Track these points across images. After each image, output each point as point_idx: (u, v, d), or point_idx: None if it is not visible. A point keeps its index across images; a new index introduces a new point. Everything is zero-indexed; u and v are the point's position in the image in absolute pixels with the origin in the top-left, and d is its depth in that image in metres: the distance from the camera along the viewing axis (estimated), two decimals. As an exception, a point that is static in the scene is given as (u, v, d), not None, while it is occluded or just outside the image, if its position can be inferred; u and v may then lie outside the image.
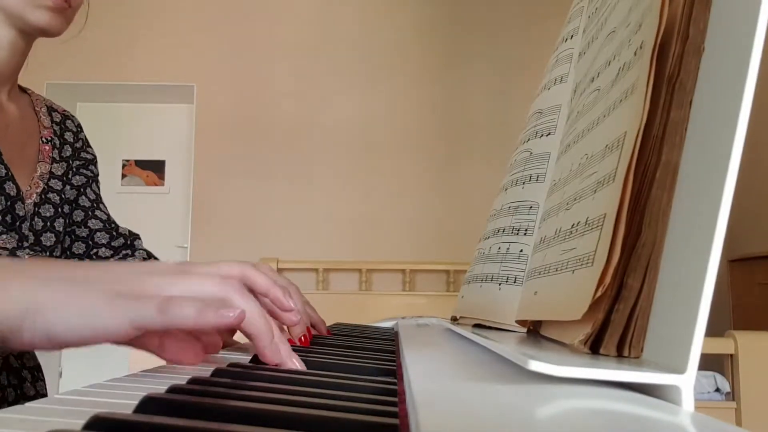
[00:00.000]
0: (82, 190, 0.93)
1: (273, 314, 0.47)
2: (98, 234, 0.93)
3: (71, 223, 0.91)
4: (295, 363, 0.41)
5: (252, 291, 0.44)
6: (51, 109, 0.94)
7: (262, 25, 3.86)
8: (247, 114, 3.81)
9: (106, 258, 0.93)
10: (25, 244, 0.82)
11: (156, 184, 4.07)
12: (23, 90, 0.92)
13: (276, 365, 0.42)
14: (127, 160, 4.06)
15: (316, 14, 3.89)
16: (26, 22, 0.76)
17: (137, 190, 4.04)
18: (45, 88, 3.58)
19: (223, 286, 0.38)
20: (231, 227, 3.75)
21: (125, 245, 0.95)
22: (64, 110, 0.97)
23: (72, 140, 0.94)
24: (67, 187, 0.90)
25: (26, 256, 0.73)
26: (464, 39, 3.87)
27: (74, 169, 0.93)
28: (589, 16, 0.57)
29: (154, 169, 4.08)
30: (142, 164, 4.07)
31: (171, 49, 3.86)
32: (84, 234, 0.92)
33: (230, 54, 3.84)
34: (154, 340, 0.39)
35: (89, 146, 0.99)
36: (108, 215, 0.96)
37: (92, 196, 0.95)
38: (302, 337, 0.58)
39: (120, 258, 0.94)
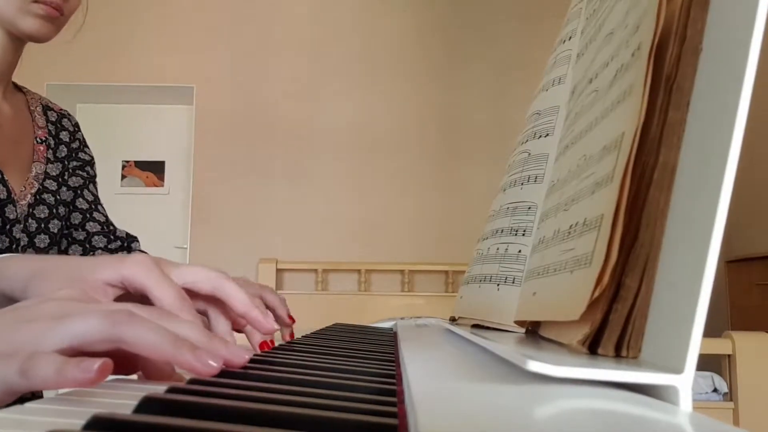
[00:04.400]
0: (79, 192, 0.92)
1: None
2: (96, 237, 0.92)
3: (69, 226, 0.91)
4: (234, 358, 0.35)
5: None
6: (47, 108, 0.93)
7: (261, 26, 3.86)
8: (246, 114, 3.81)
9: None
10: (18, 246, 0.82)
11: (156, 185, 4.07)
12: (19, 89, 0.91)
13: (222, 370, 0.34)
14: (127, 161, 4.06)
15: (316, 14, 3.89)
16: (16, 28, 0.76)
17: (137, 191, 4.04)
18: (45, 90, 3.58)
19: (108, 322, 0.32)
20: (231, 228, 3.75)
21: (122, 248, 0.94)
22: (61, 109, 0.96)
23: (68, 140, 0.93)
24: (63, 188, 0.89)
25: None
26: (464, 40, 3.87)
27: (70, 170, 0.92)
28: (587, 18, 0.57)
29: (154, 170, 4.08)
30: (142, 165, 4.07)
31: (170, 51, 3.86)
32: (81, 237, 0.91)
33: (230, 55, 3.84)
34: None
35: (86, 147, 0.98)
36: (106, 217, 0.96)
37: (90, 198, 0.94)
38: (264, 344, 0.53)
39: None
